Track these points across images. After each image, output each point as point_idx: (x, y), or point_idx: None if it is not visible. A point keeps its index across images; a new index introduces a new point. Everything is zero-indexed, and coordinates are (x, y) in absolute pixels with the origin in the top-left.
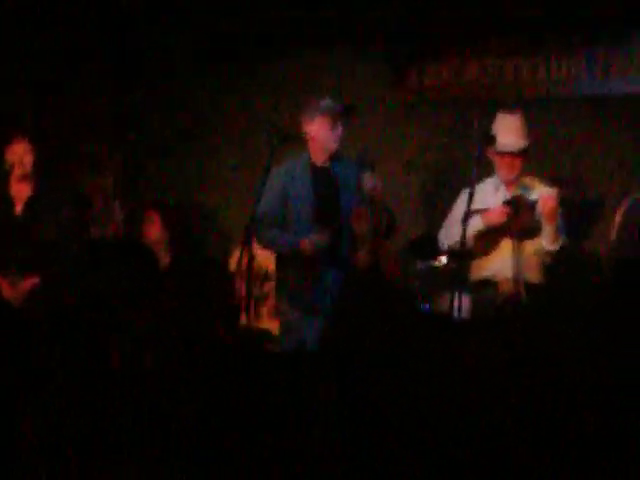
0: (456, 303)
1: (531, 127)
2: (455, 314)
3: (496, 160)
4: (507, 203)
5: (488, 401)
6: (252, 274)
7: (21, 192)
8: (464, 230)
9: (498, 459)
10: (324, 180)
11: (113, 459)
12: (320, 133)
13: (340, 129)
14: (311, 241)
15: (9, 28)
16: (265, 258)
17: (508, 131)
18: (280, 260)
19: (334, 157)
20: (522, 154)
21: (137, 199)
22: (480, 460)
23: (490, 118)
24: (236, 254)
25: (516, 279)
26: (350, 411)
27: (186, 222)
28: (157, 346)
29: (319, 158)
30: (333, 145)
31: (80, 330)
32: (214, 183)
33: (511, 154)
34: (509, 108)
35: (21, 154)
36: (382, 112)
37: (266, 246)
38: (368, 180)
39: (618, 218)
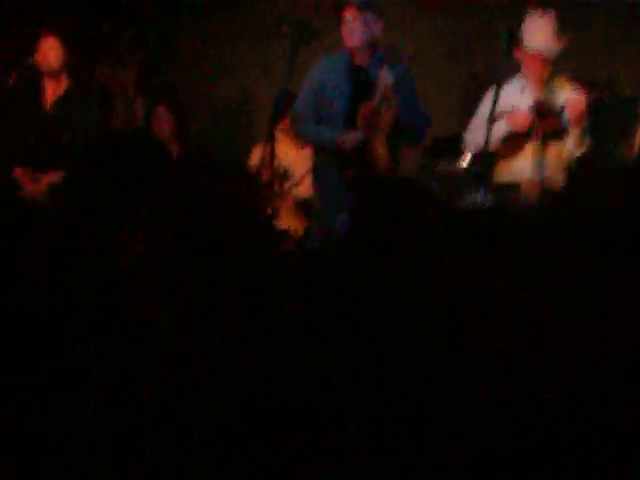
0: (477, 204)
1: (562, 28)
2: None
3: (524, 61)
4: (532, 109)
5: (501, 297)
6: (273, 171)
7: (51, 89)
8: (488, 132)
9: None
10: (361, 79)
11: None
12: (345, 27)
13: (362, 25)
14: (348, 138)
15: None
16: (285, 156)
17: (538, 31)
18: (316, 154)
19: (373, 58)
20: (551, 55)
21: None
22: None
23: (521, 19)
24: (256, 151)
25: (539, 182)
26: (366, 301)
27: (196, 117)
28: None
29: (357, 57)
30: (355, 40)
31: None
32: (236, 81)
33: (539, 55)
34: (540, 8)
35: (47, 50)
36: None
37: (305, 140)
38: (383, 75)
39: None
